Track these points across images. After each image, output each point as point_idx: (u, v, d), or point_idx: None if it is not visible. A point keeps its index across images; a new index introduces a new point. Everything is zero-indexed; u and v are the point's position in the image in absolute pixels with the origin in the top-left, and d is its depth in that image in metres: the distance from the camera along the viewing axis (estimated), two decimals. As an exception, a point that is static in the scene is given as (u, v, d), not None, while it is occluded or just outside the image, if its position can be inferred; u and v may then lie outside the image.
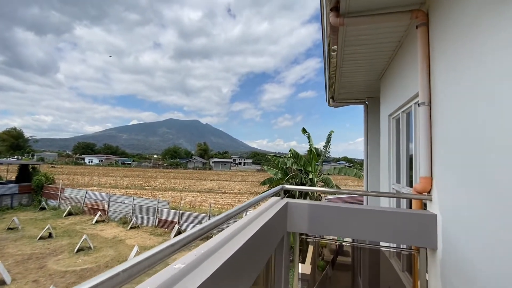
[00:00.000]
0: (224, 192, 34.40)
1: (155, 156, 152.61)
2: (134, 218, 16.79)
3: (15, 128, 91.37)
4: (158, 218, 16.71)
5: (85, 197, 19.90)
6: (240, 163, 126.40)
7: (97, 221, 17.30)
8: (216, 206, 24.18)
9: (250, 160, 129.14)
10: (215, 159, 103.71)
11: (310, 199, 12.09)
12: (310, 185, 11.40)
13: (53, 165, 72.95)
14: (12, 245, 12.82)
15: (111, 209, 18.53)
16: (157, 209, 16.75)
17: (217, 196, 30.83)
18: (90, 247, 12.76)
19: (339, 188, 11.91)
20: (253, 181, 50.46)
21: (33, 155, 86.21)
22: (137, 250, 11.32)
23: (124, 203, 18.17)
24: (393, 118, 3.48)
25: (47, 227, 14.22)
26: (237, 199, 28.97)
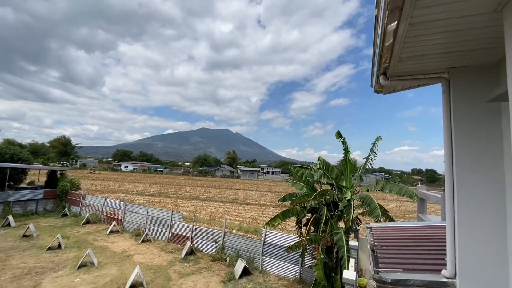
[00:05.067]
0: (249, 204, 32.48)
1: (186, 163, 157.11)
2: (147, 231, 15.57)
3: (64, 136, 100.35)
4: (172, 232, 15.28)
5: (104, 205, 19.36)
6: (268, 172, 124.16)
7: (111, 232, 16.42)
8: (237, 219, 22.34)
9: (279, 169, 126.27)
10: (243, 168, 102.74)
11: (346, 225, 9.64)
12: (346, 206, 8.98)
13: (92, 171, 77.79)
14: (18, 255, 12.19)
15: (127, 219, 17.63)
16: (171, 222, 15.35)
17: (240, 208, 29.00)
18: (93, 263, 11.61)
19: (387, 214, 9.26)
20: (280, 192, 47.88)
21: (76, 161, 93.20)
22: (138, 273, 9.81)
23: (138, 213, 17.14)
24: None
25: (57, 236, 13.52)
26: (261, 212, 26.84)
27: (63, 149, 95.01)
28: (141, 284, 9.91)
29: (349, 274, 5.29)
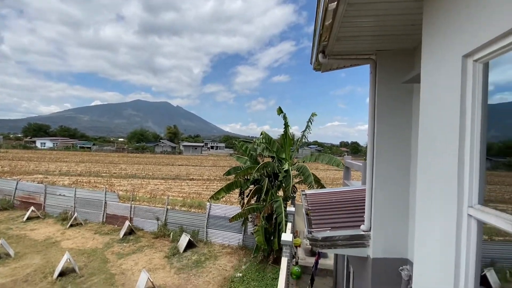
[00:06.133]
0: (192, 179, 32.03)
1: (120, 139, 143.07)
2: (76, 214, 14.02)
3: None
4: (106, 213, 14.14)
5: (16, 188, 16.43)
6: (212, 147, 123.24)
7: (29, 218, 14.23)
8: (180, 195, 21.95)
9: (223, 144, 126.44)
10: (185, 143, 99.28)
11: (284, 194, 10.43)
12: (285, 176, 9.65)
13: (-6, 149, 63.98)
14: None
15: (49, 202, 15.45)
16: (105, 202, 14.12)
17: (183, 184, 28.43)
18: (9, 254, 10.04)
19: (320, 182, 10.35)
20: (224, 166, 48.37)
21: (-30, 138, 74.91)
22: (68, 259, 8.92)
23: (64, 195, 15.18)
24: (478, 61, 1.65)
25: (-49, 230, 11.06)
26: (205, 187, 26.88)
27: None
28: (73, 270, 9.11)
29: (286, 236, 5.88)
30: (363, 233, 3.42)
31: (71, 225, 13.53)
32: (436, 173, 2.02)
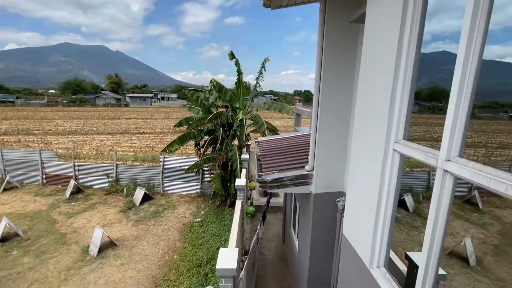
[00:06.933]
0: (143, 133, 30.24)
1: (51, 91, 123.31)
2: (8, 177, 12.46)
3: None
4: (46, 174, 12.85)
5: None
6: (163, 98, 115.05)
7: None
8: (131, 150, 20.82)
9: (175, 95, 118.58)
10: (132, 94, 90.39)
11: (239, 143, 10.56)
12: (239, 126, 9.64)
13: None
14: None
15: (-32, 167, 13.27)
16: (41, 162, 12.69)
17: (133, 138, 26.76)
18: None
19: (274, 130, 10.59)
20: (178, 118, 46.14)
21: None
22: (7, 224, 8.17)
23: (-14, 158, 13.12)
24: (417, 3, 1.63)
25: None
26: (158, 140, 25.79)
27: None
28: (16, 235, 8.47)
29: (240, 181, 6.16)
30: (307, 172, 3.71)
31: (5, 189, 12.10)
32: (371, 111, 2.14)
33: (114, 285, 6.50)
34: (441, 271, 1.54)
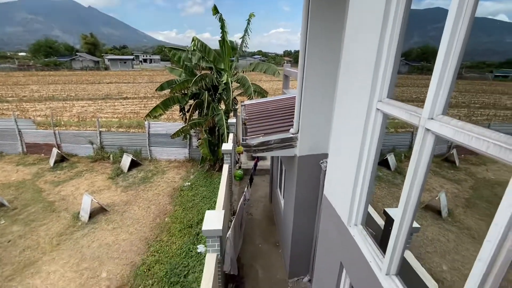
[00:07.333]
0: (126, 98, 28.99)
1: (20, 54, 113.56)
2: (-16, 147, 11.94)
3: None
4: (25, 143, 12.36)
5: None
6: (145, 60, 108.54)
7: None
8: (115, 116, 20.10)
9: (158, 57, 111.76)
10: (111, 56, 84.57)
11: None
12: (225, 89, 9.28)
13: None
14: None
15: None
16: (19, 131, 12.12)
17: (116, 104, 25.68)
18: None
19: (262, 93, 10.24)
20: (162, 81, 44.16)
21: None
22: (-10, 194, 8.02)
23: (-43, 127, 12.36)
24: None
25: None
26: (142, 105, 24.89)
27: None
28: (2, 205, 8.38)
29: (226, 145, 6.12)
30: (292, 135, 3.66)
31: (-18, 160, 11.67)
32: (356, 69, 2.01)
33: (108, 247, 6.72)
34: (415, 224, 1.60)
